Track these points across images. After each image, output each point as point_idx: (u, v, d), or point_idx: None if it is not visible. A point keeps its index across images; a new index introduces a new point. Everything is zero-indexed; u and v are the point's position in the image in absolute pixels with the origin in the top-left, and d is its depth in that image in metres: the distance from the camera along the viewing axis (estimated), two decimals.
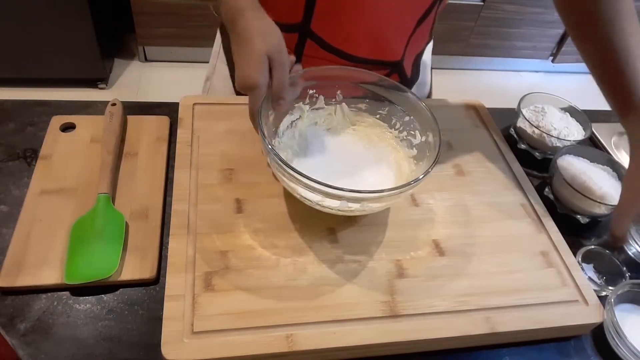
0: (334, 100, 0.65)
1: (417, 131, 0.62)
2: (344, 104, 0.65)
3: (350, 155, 0.64)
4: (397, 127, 0.65)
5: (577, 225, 0.70)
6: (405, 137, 0.64)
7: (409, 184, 0.51)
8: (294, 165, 0.49)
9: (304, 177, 0.49)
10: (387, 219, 0.60)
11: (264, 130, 0.52)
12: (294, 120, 0.64)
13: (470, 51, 2.31)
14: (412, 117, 0.63)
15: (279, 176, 0.54)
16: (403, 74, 0.80)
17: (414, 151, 0.62)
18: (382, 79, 0.63)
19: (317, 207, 0.54)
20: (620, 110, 0.62)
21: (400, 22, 0.72)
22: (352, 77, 0.64)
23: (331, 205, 0.52)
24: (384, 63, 0.76)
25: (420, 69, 0.85)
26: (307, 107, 0.64)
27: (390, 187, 0.51)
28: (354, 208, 0.52)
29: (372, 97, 0.65)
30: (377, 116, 0.66)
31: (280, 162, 0.49)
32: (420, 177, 0.52)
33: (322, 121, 0.66)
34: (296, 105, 0.63)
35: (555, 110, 0.82)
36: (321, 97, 0.65)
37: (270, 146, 0.51)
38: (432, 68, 0.90)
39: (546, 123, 0.79)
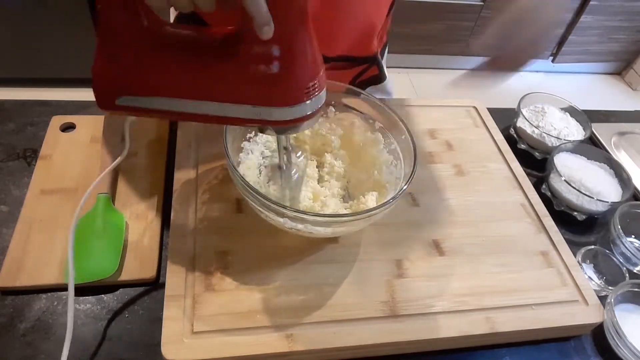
0: (324, 115, 0.61)
1: (399, 161, 0.58)
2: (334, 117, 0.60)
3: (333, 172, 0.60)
4: (386, 150, 0.60)
5: (574, 223, 0.70)
6: (391, 162, 0.59)
7: (356, 213, 0.47)
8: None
9: (252, 189, 0.46)
10: (387, 219, 0.60)
11: (227, 140, 0.50)
12: None
13: (470, 51, 2.31)
14: (397, 144, 0.59)
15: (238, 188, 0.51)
16: (381, 68, 0.79)
17: (396, 176, 0.57)
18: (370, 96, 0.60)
19: (270, 221, 0.51)
20: None
21: (376, 10, 0.71)
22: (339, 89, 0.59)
23: (277, 220, 0.49)
24: (362, 59, 0.75)
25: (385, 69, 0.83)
26: None
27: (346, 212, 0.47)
28: (307, 230, 0.49)
29: (362, 118, 0.62)
30: (369, 133, 0.62)
31: (232, 167, 0.47)
32: (375, 210, 0.48)
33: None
34: None
35: (555, 110, 0.82)
36: None
37: (228, 153, 0.48)
38: (410, 67, 0.91)
39: (546, 123, 0.79)
